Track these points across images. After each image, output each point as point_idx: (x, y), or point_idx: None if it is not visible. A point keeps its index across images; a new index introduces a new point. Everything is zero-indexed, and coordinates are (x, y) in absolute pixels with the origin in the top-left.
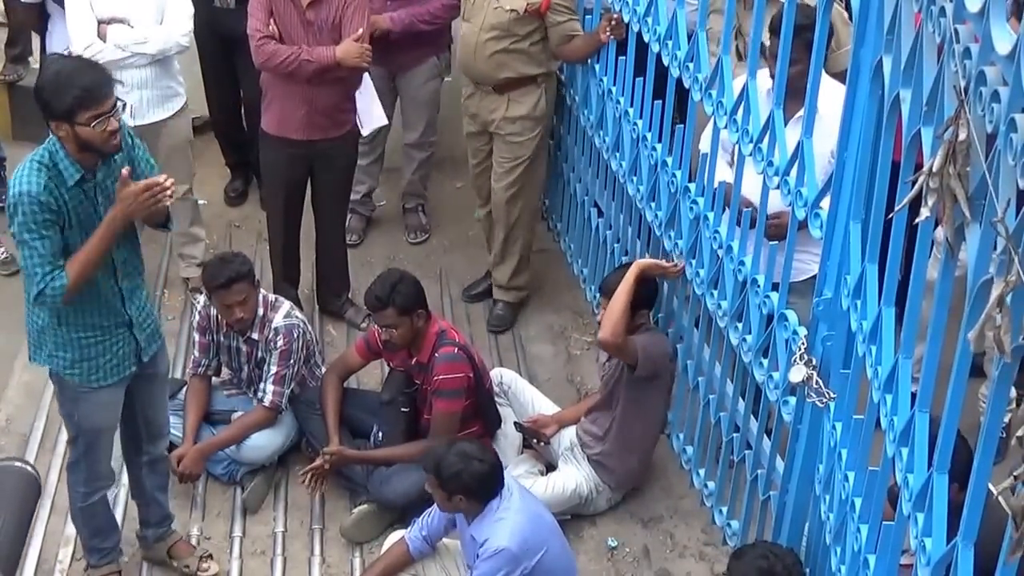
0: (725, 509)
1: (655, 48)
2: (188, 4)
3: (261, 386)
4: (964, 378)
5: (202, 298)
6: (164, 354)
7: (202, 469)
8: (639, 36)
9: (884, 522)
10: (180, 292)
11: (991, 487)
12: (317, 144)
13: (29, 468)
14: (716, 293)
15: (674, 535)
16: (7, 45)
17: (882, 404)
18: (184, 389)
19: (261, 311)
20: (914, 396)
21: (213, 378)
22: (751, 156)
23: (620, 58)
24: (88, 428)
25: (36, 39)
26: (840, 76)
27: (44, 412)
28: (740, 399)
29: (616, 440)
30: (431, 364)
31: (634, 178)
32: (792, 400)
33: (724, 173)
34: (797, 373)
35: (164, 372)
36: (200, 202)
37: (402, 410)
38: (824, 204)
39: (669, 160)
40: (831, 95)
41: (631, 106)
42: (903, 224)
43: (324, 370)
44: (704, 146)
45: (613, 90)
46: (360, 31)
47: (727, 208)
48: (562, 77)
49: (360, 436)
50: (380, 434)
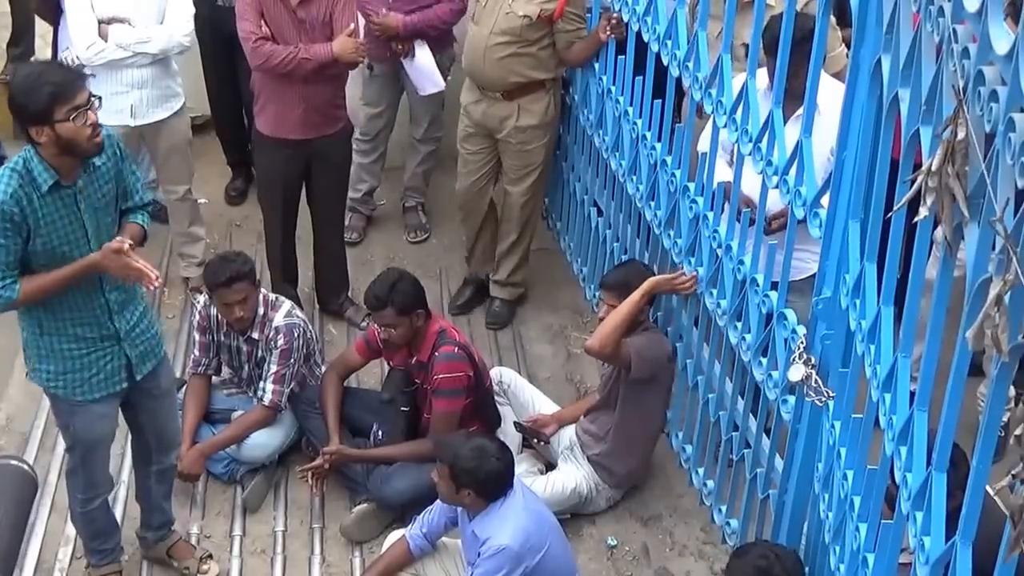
0: (724, 508)
1: (654, 48)
2: (189, 4)
3: (261, 385)
4: (963, 377)
5: (202, 297)
6: (166, 369)
7: (202, 469)
8: (639, 35)
9: (883, 521)
10: (180, 291)
11: (988, 489)
12: (314, 142)
13: (26, 467)
14: (715, 292)
15: (673, 534)
16: (9, 44)
17: (881, 403)
18: (184, 388)
19: (262, 310)
20: (913, 395)
21: (213, 377)
22: (750, 156)
23: (620, 58)
24: (84, 440)
25: (37, 39)
26: (836, 77)
27: (44, 411)
28: (739, 398)
29: (615, 440)
30: (431, 363)
31: (633, 177)
32: (791, 399)
33: (723, 173)
34: (796, 372)
35: (169, 386)
36: (200, 201)
37: (402, 409)
38: (823, 203)
39: (668, 159)
40: (830, 92)
41: (631, 105)
42: (902, 223)
43: (324, 369)
44: (703, 146)
45: (613, 89)
46: (352, 26)
47: (726, 207)
48: (563, 77)
49: (360, 435)
50: (380, 433)
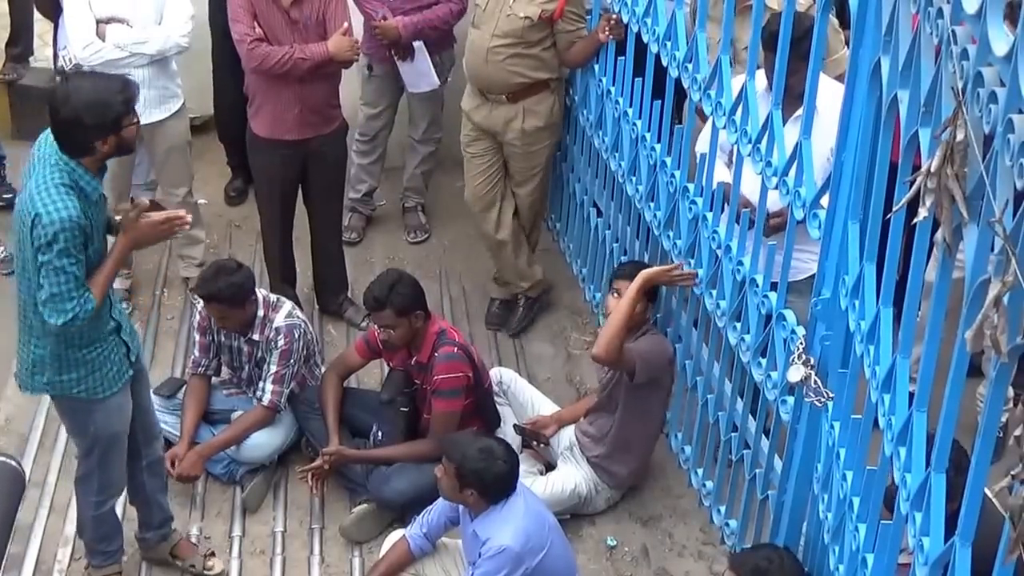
0: (723, 508)
1: (654, 49)
2: (187, 5)
3: (260, 385)
4: (962, 378)
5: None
6: (142, 351)
7: (201, 471)
8: (638, 36)
9: (882, 521)
10: (180, 292)
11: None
12: (310, 142)
13: (13, 463)
14: (715, 293)
15: (673, 534)
16: (8, 44)
17: (880, 404)
18: (183, 389)
19: (262, 312)
20: (912, 396)
21: (213, 378)
22: (749, 156)
23: (619, 58)
24: (105, 436)
25: (36, 39)
26: (837, 80)
27: (43, 411)
28: (738, 398)
29: (615, 442)
30: (431, 364)
31: (633, 178)
32: (790, 399)
33: (722, 174)
34: (795, 373)
35: (146, 370)
36: (200, 202)
37: (402, 409)
38: (823, 203)
39: (668, 160)
40: (828, 93)
41: (630, 106)
42: (901, 224)
43: (324, 370)
44: (702, 147)
45: (612, 90)
46: (346, 24)
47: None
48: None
49: (360, 435)
50: (380, 433)
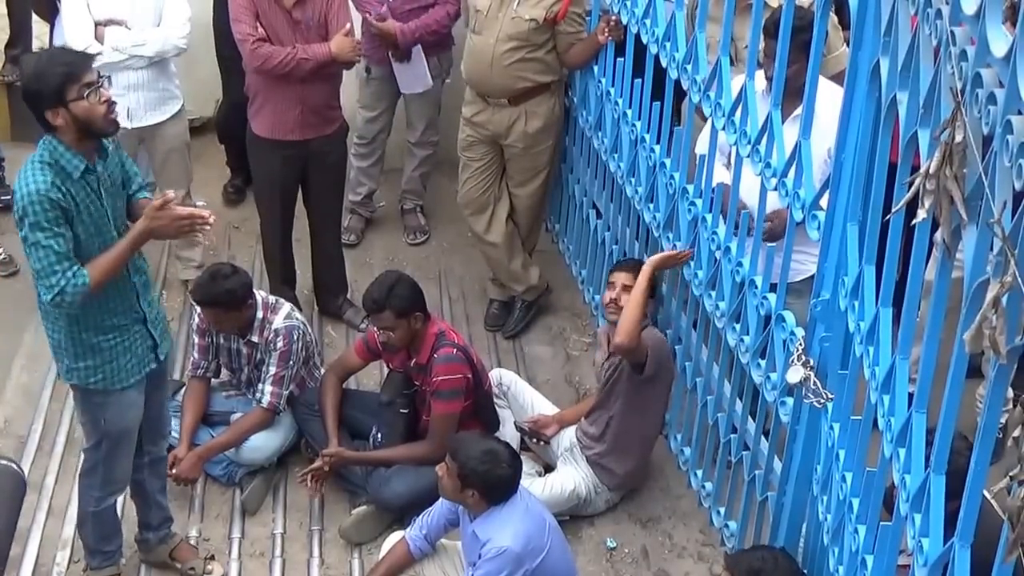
0: (723, 510)
1: (653, 50)
2: (186, 7)
3: (259, 387)
4: (961, 379)
5: None
6: (171, 352)
7: (199, 473)
8: (637, 38)
9: (882, 523)
10: (179, 294)
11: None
12: (311, 143)
13: (14, 466)
14: (714, 294)
15: (672, 536)
16: (7, 46)
17: (880, 405)
18: (183, 391)
19: (261, 313)
20: (911, 397)
21: (212, 379)
22: (749, 158)
23: (618, 60)
24: (114, 430)
25: (34, 40)
26: (833, 80)
27: (42, 414)
28: (738, 400)
29: (614, 440)
30: (430, 365)
31: (632, 179)
32: (790, 401)
33: (721, 176)
34: (795, 374)
35: (169, 371)
36: (199, 204)
37: (401, 411)
38: (822, 204)
39: (667, 161)
40: (825, 95)
41: (629, 107)
42: (900, 225)
43: (323, 371)
44: (701, 148)
45: (612, 91)
46: (348, 25)
47: (724, 211)
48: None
49: (359, 437)
50: (379, 435)
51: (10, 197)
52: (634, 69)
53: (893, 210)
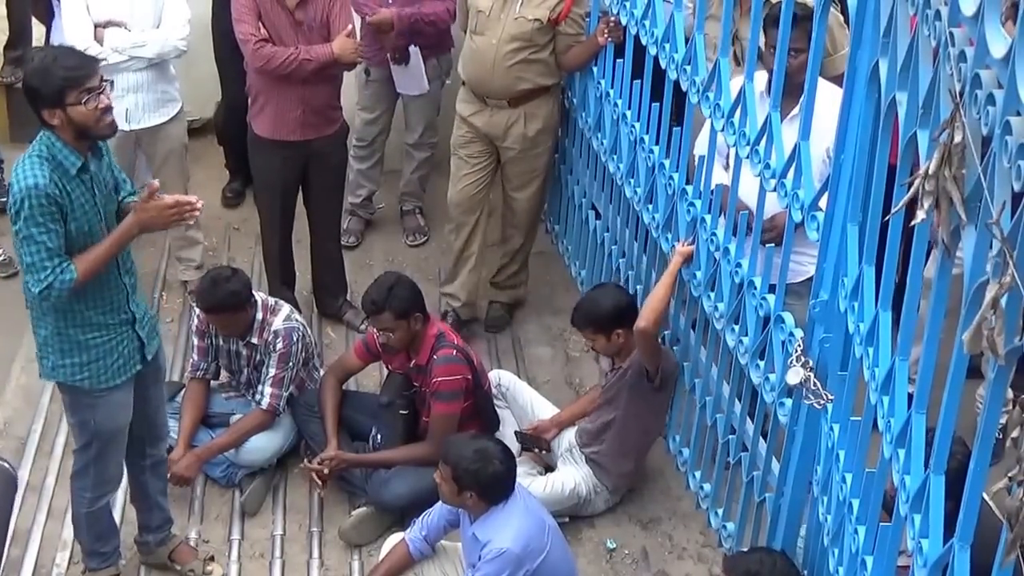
0: (721, 511)
1: (652, 51)
2: (185, 8)
3: (259, 388)
4: (960, 380)
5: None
6: (162, 351)
7: (197, 474)
8: (636, 39)
9: (881, 524)
10: (178, 295)
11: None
12: (311, 144)
13: (5, 464)
14: (713, 295)
15: (672, 537)
16: (7, 47)
17: (879, 406)
18: (182, 392)
19: (261, 315)
20: (911, 398)
21: (212, 381)
22: (748, 159)
23: (618, 61)
24: (104, 431)
25: (35, 42)
26: (838, 80)
27: (42, 416)
28: (737, 401)
29: (615, 441)
30: (430, 366)
31: (632, 180)
32: (788, 402)
33: (720, 177)
34: (794, 375)
35: (163, 368)
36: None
37: (401, 412)
38: (821, 205)
39: (666, 162)
40: (824, 95)
41: (629, 108)
42: (900, 226)
43: (322, 373)
44: (700, 149)
45: (611, 93)
46: (350, 27)
47: (723, 212)
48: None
49: (359, 438)
50: (379, 436)
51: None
52: (633, 70)
53: (892, 211)
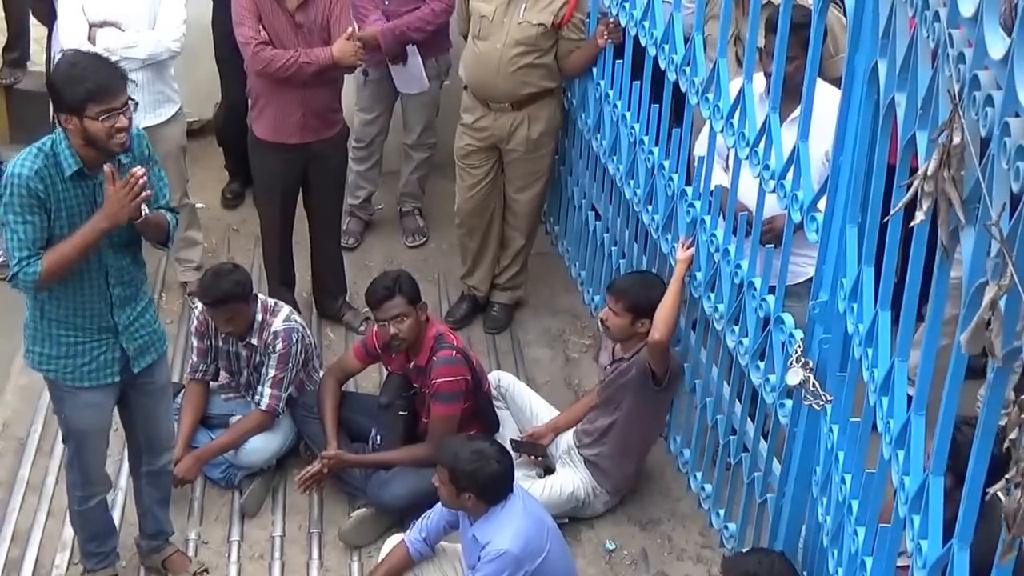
0: (722, 512)
1: (652, 52)
2: (181, 9)
3: (259, 389)
4: (959, 381)
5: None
6: (163, 367)
7: (197, 475)
8: (636, 40)
9: (880, 524)
10: (178, 296)
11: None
12: (312, 146)
13: None
14: (713, 296)
15: (672, 538)
16: (5, 49)
17: (878, 407)
18: (181, 393)
19: (260, 316)
20: (911, 399)
21: (211, 382)
22: (747, 160)
23: (617, 62)
24: (75, 429)
25: (33, 44)
26: (839, 81)
27: (41, 416)
28: (737, 402)
29: (615, 443)
30: (429, 367)
31: (631, 181)
32: (789, 403)
33: (720, 178)
34: (794, 376)
35: (163, 385)
36: (198, 206)
37: (400, 413)
38: (820, 207)
39: (666, 163)
40: (823, 97)
41: (628, 110)
42: (899, 227)
43: (322, 374)
44: (700, 150)
45: (611, 94)
46: (351, 29)
47: (723, 213)
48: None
49: (358, 440)
50: (378, 438)
51: None
52: (633, 71)
53: (892, 212)
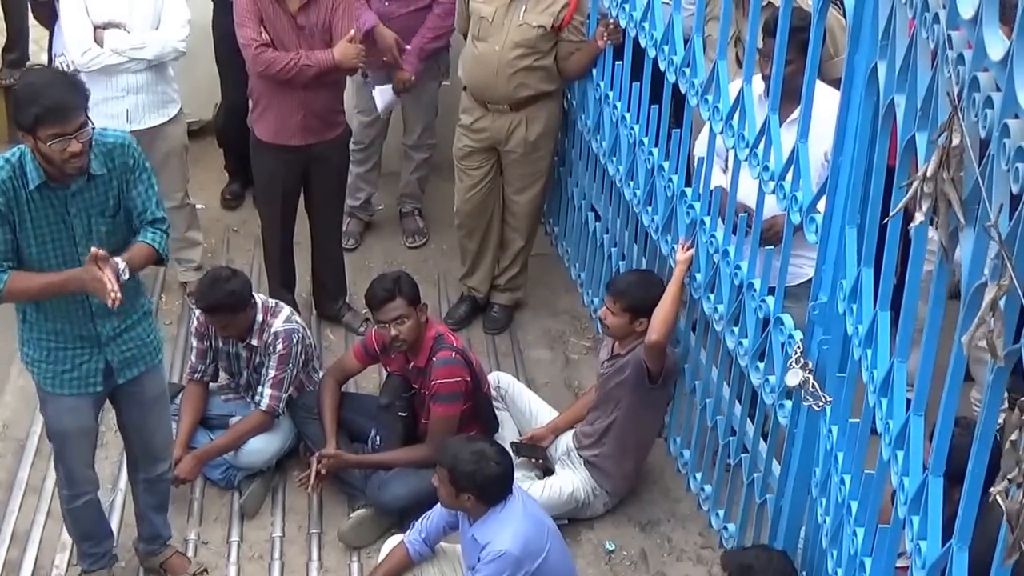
0: (722, 512)
1: (652, 53)
2: (184, 10)
3: (259, 390)
4: (959, 381)
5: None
6: (156, 379)
7: (197, 475)
8: (636, 41)
9: (880, 525)
10: (178, 297)
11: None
12: (313, 148)
13: None
14: (713, 297)
15: (671, 538)
16: (4, 50)
17: (878, 408)
18: (181, 394)
19: (260, 316)
20: (910, 400)
21: (211, 383)
22: (746, 161)
23: (617, 63)
24: (55, 431)
25: (32, 45)
26: (839, 83)
27: (40, 417)
28: (737, 402)
29: (614, 443)
30: (429, 368)
31: (631, 182)
32: (788, 403)
33: (719, 179)
34: (793, 377)
35: (157, 396)
36: (198, 206)
37: (400, 414)
38: (820, 208)
39: (666, 164)
40: (822, 98)
41: (628, 111)
42: (898, 228)
43: (322, 374)
44: (700, 150)
45: (610, 95)
46: (352, 32)
47: (722, 214)
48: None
49: (358, 440)
50: (378, 438)
51: None
52: (632, 72)
53: (891, 213)
